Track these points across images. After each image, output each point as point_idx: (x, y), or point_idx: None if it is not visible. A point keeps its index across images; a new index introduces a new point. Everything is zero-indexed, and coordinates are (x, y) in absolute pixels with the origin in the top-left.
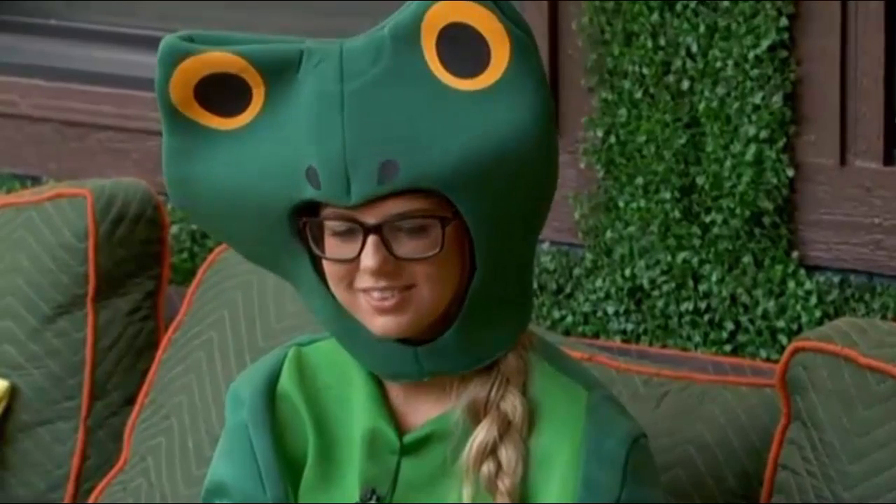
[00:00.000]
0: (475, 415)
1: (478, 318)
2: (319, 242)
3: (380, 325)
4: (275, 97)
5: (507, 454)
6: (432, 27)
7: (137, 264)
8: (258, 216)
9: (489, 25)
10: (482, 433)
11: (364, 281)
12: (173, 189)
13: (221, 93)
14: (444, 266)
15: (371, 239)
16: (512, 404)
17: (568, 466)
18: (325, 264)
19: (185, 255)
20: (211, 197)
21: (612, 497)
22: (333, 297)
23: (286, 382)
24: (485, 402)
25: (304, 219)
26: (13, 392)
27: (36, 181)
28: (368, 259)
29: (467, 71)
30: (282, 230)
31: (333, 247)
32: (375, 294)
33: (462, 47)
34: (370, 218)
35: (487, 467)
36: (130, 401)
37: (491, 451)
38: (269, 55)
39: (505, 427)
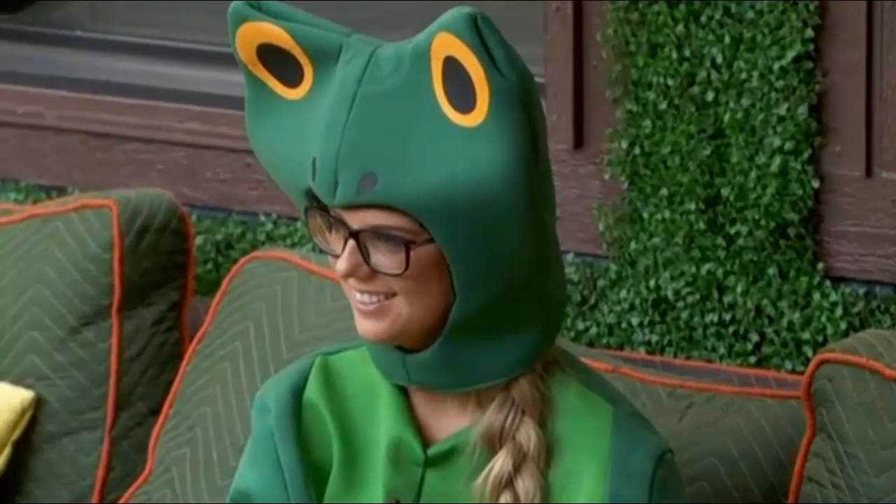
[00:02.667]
0: (491, 444)
1: (461, 341)
2: (328, 229)
3: (362, 328)
4: (320, 80)
5: (524, 485)
6: (438, 54)
7: (162, 275)
8: (287, 187)
9: (474, 69)
10: (498, 465)
11: (341, 277)
12: (250, 137)
13: (283, 62)
14: (423, 283)
15: (349, 243)
16: (527, 435)
17: (595, 481)
18: None
19: (209, 265)
20: (261, 155)
21: None
22: None
23: (312, 391)
24: (500, 431)
25: (307, 205)
26: (38, 403)
27: (61, 192)
28: (342, 262)
29: (461, 105)
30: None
31: (330, 238)
32: (357, 295)
33: (458, 81)
34: (353, 222)
35: (505, 498)
36: (155, 411)
37: (507, 483)
38: (312, 39)
39: (521, 458)
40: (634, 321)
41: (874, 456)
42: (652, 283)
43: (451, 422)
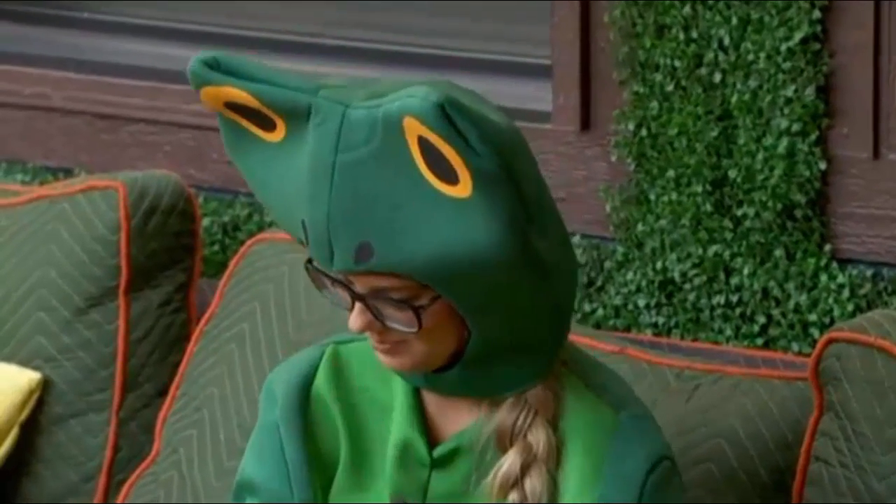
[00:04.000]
0: (502, 443)
1: (482, 363)
2: (325, 284)
3: (381, 360)
4: (293, 133)
5: (531, 485)
6: (411, 134)
7: (169, 256)
8: (281, 225)
9: (449, 154)
10: (507, 463)
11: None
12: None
13: (253, 112)
14: (436, 329)
15: (357, 305)
16: (537, 435)
17: (586, 483)
18: None
19: (216, 247)
20: (250, 184)
21: None
22: None
23: (321, 384)
24: (511, 430)
25: (306, 263)
26: (46, 384)
27: (68, 173)
28: (354, 321)
29: (446, 178)
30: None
31: (334, 290)
32: (372, 339)
33: (437, 158)
34: (357, 285)
35: (512, 498)
36: (162, 393)
37: (515, 483)
38: (280, 101)
39: (531, 458)
40: (641, 303)
41: (882, 434)
42: (659, 264)
43: (459, 420)
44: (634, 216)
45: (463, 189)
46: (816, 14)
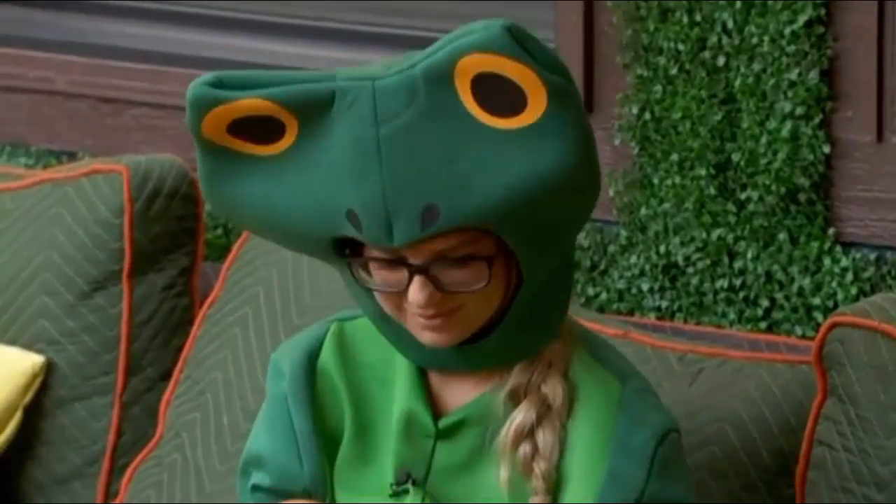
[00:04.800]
0: (516, 397)
1: (521, 322)
2: (365, 268)
3: (428, 338)
4: (308, 131)
5: (544, 437)
6: (465, 73)
7: (173, 240)
8: (298, 238)
9: (523, 76)
10: (521, 415)
11: (412, 308)
12: (212, 204)
13: (254, 125)
14: (491, 285)
15: (417, 278)
16: (553, 388)
17: (595, 457)
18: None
19: (219, 231)
20: (249, 215)
21: (636, 490)
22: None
23: (327, 358)
24: (526, 384)
25: (348, 251)
26: (49, 367)
27: (72, 157)
28: (415, 296)
29: (506, 110)
30: (323, 250)
31: (380, 275)
32: (423, 317)
33: (495, 91)
34: (415, 258)
35: (524, 449)
36: (165, 376)
37: (528, 434)
38: (300, 96)
39: (544, 410)
40: (645, 287)
41: (885, 418)
42: (662, 248)
43: (463, 392)
44: (638, 200)
45: (530, 115)
46: None
